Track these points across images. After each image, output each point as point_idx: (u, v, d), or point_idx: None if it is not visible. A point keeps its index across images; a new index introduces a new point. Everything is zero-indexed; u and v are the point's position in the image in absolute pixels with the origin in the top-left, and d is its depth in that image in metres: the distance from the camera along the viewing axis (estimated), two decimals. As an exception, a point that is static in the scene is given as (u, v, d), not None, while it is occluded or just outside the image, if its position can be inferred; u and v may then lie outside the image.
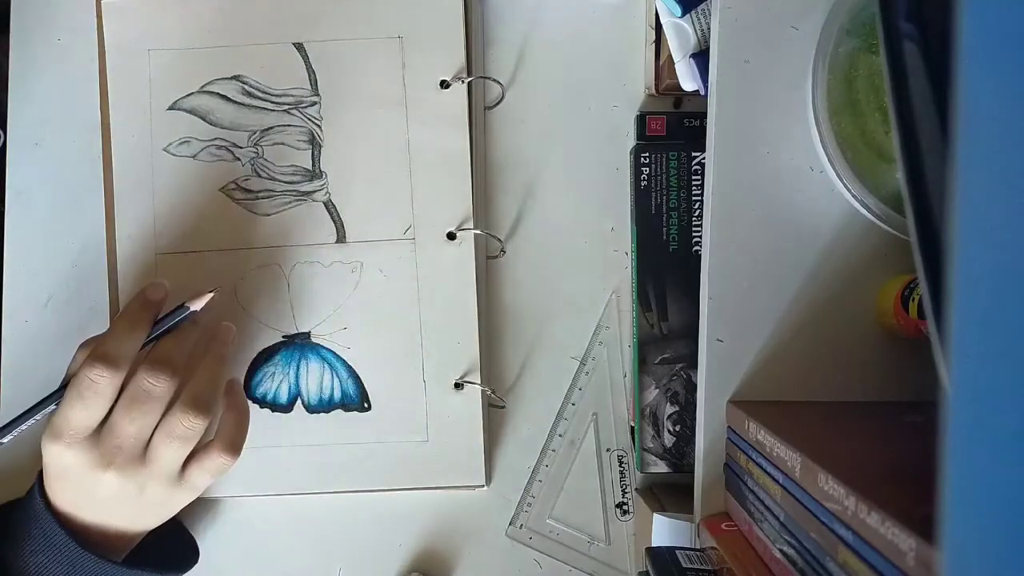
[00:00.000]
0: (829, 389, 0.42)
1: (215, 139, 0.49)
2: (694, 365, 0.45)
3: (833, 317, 0.42)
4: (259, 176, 0.49)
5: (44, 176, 0.51)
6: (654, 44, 0.50)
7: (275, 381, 0.49)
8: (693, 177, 0.48)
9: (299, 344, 0.49)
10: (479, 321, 0.49)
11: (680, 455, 0.49)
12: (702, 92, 0.45)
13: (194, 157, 0.49)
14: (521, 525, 0.51)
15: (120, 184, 0.49)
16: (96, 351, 0.40)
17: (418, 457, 0.49)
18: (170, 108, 0.49)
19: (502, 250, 0.51)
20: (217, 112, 0.49)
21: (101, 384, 0.40)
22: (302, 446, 0.49)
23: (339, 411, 0.49)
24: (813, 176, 0.41)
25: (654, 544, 0.45)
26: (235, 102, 0.49)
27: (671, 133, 0.50)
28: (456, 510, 0.51)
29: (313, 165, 0.49)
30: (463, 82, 0.49)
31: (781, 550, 0.35)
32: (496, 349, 0.52)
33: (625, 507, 0.51)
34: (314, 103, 0.49)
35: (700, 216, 0.48)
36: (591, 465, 0.52)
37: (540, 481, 0.51)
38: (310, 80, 0.49)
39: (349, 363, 0.49)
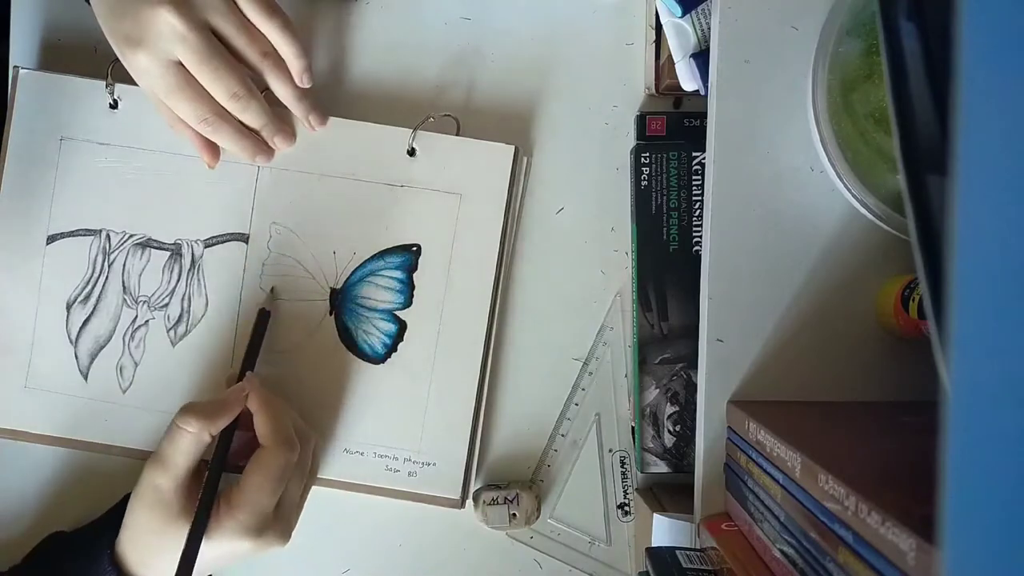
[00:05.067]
0: (829, 389, 0.42)
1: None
2: (694, 365, 0.45)
3: (833, 317, 0.42)
4: (161, 308, 0.50)
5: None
6: (654, 44, 0.50)
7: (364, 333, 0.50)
8: (693, 177, 0.48)
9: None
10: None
11: (680, 455, 0.49)
12: (702, 92, 0.45)
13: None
14: (521, 525, 0.51)
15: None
16: (283, 438, 0.43)
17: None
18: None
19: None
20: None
21: (291, 466, 0.43)
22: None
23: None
24: (813, 176, 0.41)
25: (654, 544, 0.45)
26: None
27: (671, 133, 0.50)
28: (457, 510, 0.51)
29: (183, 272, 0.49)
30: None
31: (781, 550, 0.35)
32: (497, 349, 0.51)
33: (626, 508, 0.51)
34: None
35: (700, 216, 0.48)
36: (593, 465, 0.52)
37: (542, 481, 0.51)
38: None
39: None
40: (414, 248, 0.49)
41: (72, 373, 0.49)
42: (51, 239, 0.49)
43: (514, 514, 0.49)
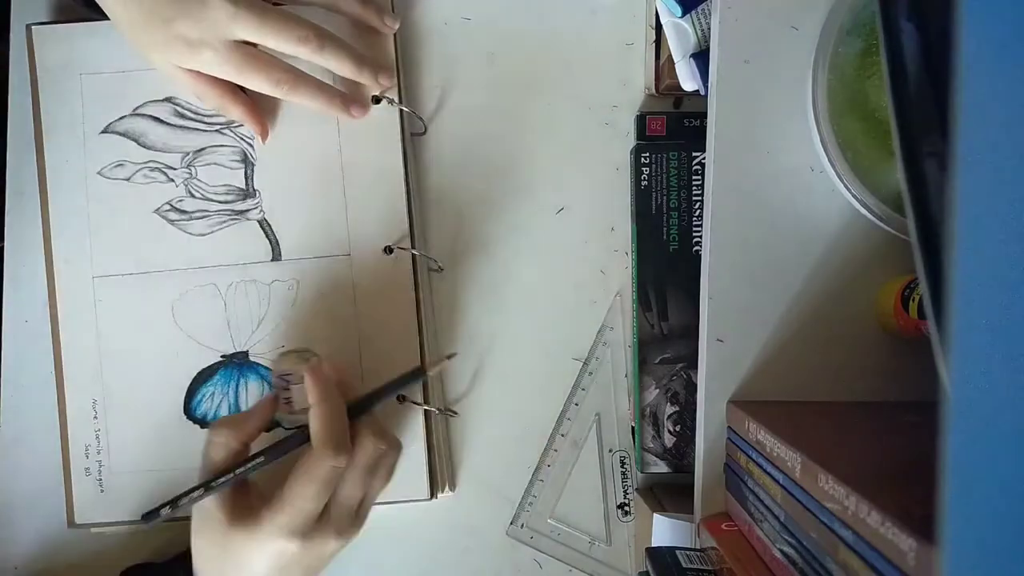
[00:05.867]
0: (829, 389, 0.42)
1: (148, 161, 0.49)
2: (694, 365, 0.45)
3: (833, 317, 0.42)
4: (193, 196, 0.49)
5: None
6: (654, 44, 0.50)
7: (215, 401, 0.49)
8: (693, 177, 0.48)
9: (237, 363, 0.49)
10: (420, 333, 0.49)
11: (680, 455, 0.49)
12: (702, 92, 0.45)
13: (128, 180, 0.49)
14: (522, 524, 0.51)
15: (55, 208, 0.49)
16: (333, 441, 0.40)
17: None
18: (103, 132, 0.49)
19: (440, 267, 0.51)
20: (150, 134, 0.49)
21: (338, 471, 0.40)
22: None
23: (279, 429, 0.48)
24: (813, 176, 0.41)
25: (654, 544, 0.45)
26: (168, 124, 0.49)
27: (671, 133, 0.50)
28: (457, 509, 0.51)
29: (246, 184, 0.49)
30: (392, 103, 0.49)
31: (781, 550, 0.35)
32: (497, 349, 0.52)
33: (626, 508, 0.51)
34: None
35: (700, 216, 0.48)
36: (593, 465, 0.52)
37: (542, 481, 0.52)
38: None
39: None
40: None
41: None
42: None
43: (288, 399, 0.46)
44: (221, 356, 0.49)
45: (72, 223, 0.49)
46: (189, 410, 0.49)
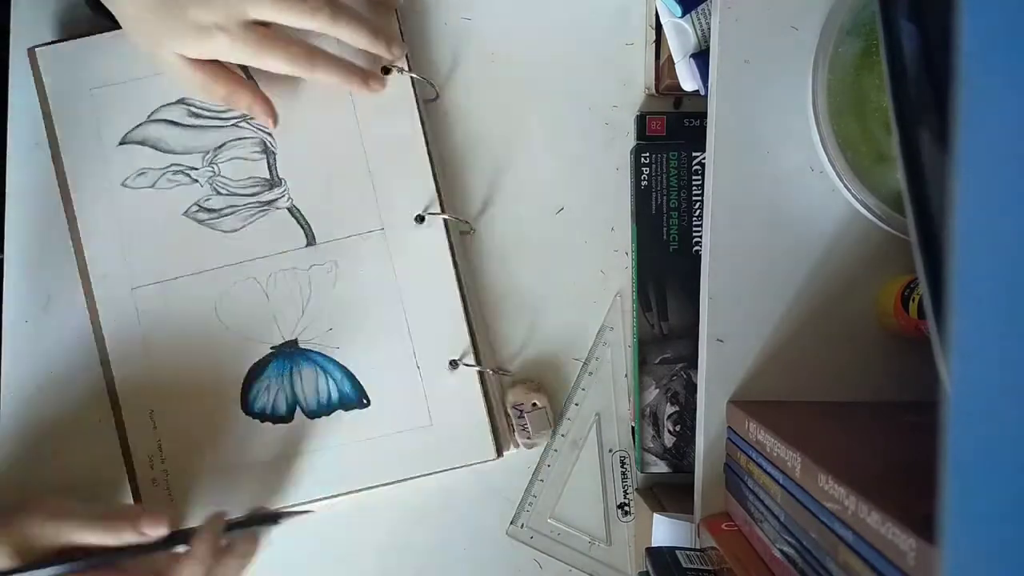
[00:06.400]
0: (829, 389, 0.42)
1: (170, 165, 0.49)
2: (694, 365, 0.45)
3: (833, 317, 0.42)
4: (220, 194, 0.49)
5: (43, 177, 0.50)
6: (654, 44, 0.50)
7: (271, 393, 0.49)
8: (693, 177, 0.48)
9: (288, 352, 0.49)
10: (462, 297, 0.49)
11: (680, 455, 0.49)
12: (702, 92, 0.45)
13: (153, 186, 0.49)
14: (522, 524, 0.51)
15: (85, 225, 0.49)
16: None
17: (426, 442, 0.49)
18: (121, 143, 0.49)
19: (472, 228, 0.51)
20: (168, 139, 0.49)
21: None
22: (309, 452, 0.49)
23: (339, 412, 0.49)
24: (813, 176, 0.41)
25: (654, 544, 0.45)
26: (184, 125, 0.49)
27: (671, 133, 0.50)
28: (457, 509, 0.51)
29: (271, 173, 0.49)
30: (402, 72, 0.49)
31: (781, 550, 0.35)
32: (497, 348, 0.52)
33: (627, 508, 0.51)
34: None
35: (700, 216, 0.48)
36: (593, 465, 0.52)
37: (542, 481, 0.51)
38: None
39: (341, 362, 0.49)
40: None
41: None
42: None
43: (524, 426, 0.50)
44: (271, 348, 0.49)
45: (104, 238, 0.49)
46: (247, 406, 0.49)
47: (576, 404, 0.52)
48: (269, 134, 0.49)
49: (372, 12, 0.47)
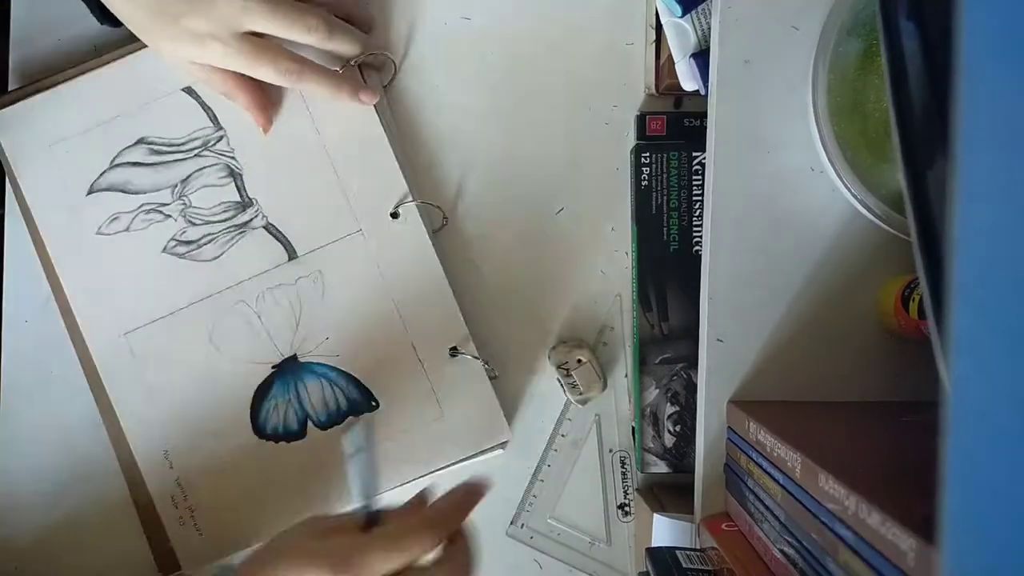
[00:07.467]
0: (829, 389, 0.42)
1: (141, 206, 0.49)
2: (694, 365, 0.45)
3: (833, 317, 0.42)
4: (194, 224, 0.49)
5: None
6: (654, 44, 0.50)
7: (280, 412, 0.49)
8: (693, 177, 0.48)
9: (290, 369, 0.49)
10: (450, 284, 0.49)
11: (680, 455, 0.49)
12: (702, 92, 0.45)
13: (127, 229, 0.49)
14: (522, 524, 0.51)
15: (67, 279, 0.49)
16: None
17: (440, 435, 0.49)
18: (89, 192, 0.49)
19: (444, 218, 0.51)
20: (134, 179, 0.49)
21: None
22: (329, 465, 0.49)
23: (350, 419, 0.49)
24: (813, 176, 0.41)
25: (654, 544, 0.45)
26: (147, 164, 0.49)
27: (671, 133, 0.50)
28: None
29: (240, 195, 0.49)
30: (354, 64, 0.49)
31: (781, 550, 0.35)
32: (497, 348, 0.51)
33: (627, 508, 0.51)
34: (220, 137, 0.49)
35: (700, 216, 0.48)
36: (593, 466, 0.52)
37: (542, 481, 0.51)
38: (209, 117, 0.49)
39: (343, 369, 0.49)
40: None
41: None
42: None
43: (573, 384, 0.50)
44: (272, 367, 0.49)
45: (87, 289, 0.49)
46: (258, 429, 0.49)
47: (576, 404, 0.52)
48: (232, 157, 0.49)
49: (349, 34, 0.47)
